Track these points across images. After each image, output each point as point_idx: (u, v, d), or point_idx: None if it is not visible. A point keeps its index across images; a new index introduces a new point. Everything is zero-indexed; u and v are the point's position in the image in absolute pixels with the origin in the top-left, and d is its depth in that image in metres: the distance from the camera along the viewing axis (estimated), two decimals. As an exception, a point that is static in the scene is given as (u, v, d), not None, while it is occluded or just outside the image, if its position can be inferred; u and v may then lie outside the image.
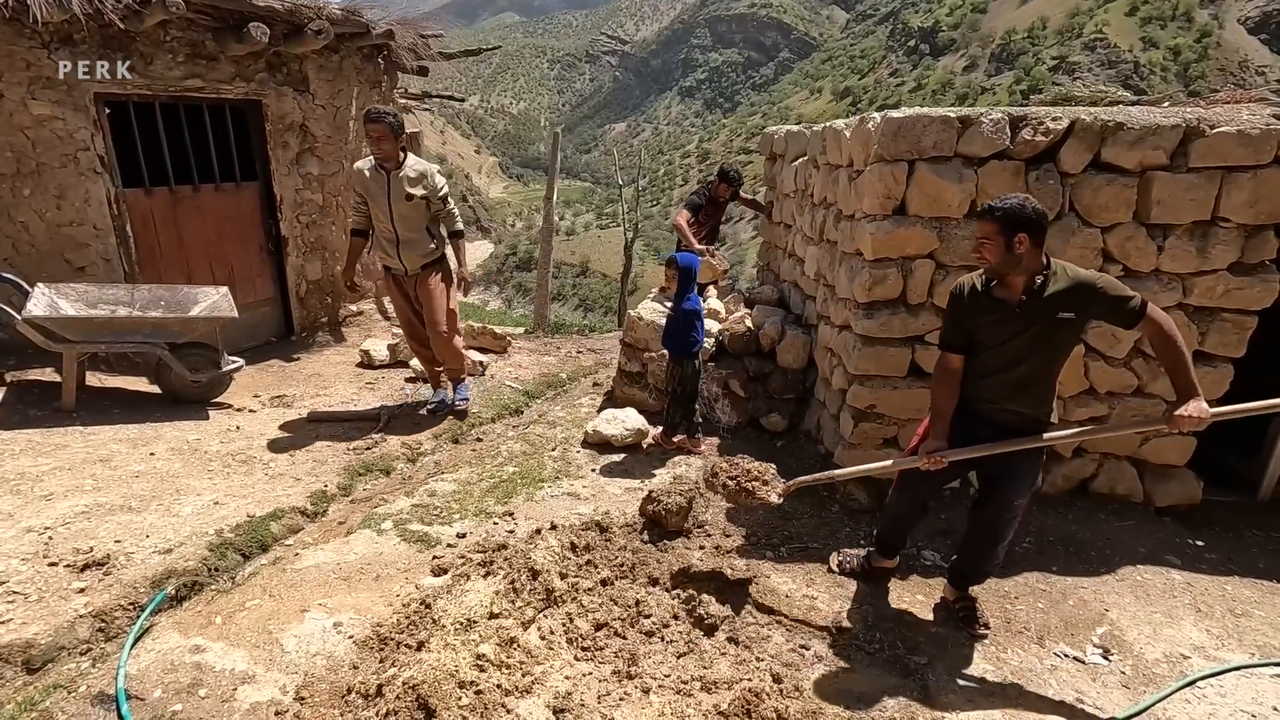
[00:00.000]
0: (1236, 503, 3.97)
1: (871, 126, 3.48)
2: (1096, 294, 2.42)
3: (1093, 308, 2.45)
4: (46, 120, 4.64)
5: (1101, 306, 2.45)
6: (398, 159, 4.16)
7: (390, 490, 3.93)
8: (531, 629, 2.49)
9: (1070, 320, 2.46)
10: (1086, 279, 2.45)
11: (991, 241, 2.44)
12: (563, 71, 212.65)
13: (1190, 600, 3.15)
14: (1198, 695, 2.61)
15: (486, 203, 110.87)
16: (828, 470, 3.20)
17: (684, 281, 4.20)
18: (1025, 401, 2.61)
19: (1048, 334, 2.48)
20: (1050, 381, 2.61)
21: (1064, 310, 2.44)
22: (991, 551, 2.86)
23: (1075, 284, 2.44)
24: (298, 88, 5.78)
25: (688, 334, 4.21)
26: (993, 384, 2.63)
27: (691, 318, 4.21)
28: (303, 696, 2.31)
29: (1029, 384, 2.58)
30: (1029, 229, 2.39)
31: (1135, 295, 2.40)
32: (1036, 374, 2.57)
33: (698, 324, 4.24)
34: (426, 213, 4.34)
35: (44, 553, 2.94)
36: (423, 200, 4.25)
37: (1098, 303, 2.43)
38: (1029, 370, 2.55)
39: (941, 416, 2.72)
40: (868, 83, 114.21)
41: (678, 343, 4.24)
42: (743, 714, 2.21)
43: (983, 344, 2.62)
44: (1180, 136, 3.26)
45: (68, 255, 4.88)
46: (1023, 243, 2.40)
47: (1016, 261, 2.44)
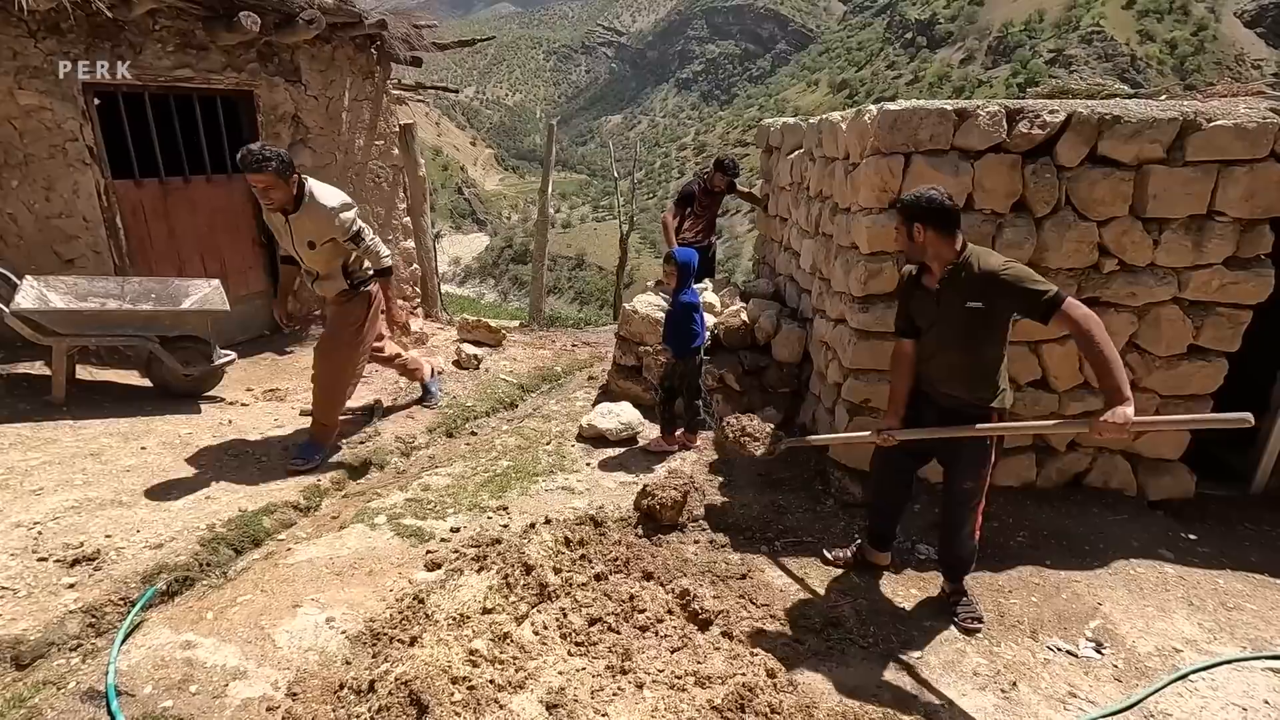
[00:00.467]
0: (1229, 496, 3.98)
1: (868, 119, 3.46)
2: (1001, 284, 2.42)
3: (1001, 299, 2.46)
4: (34, 110, 4.58)
5: (1010, 299, 2.45)
6: (293, 200, 3.56)
7: (384, 484, 3.92)
8: (525, 624, 2.49)
9: (979, 310, 2.50)
10: (991, 269, 2.46)
11: (898, 231, 2.63)
12: (559, 63, 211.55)
13: (1183, 594, 3.16)
14: (1189, 689, 2.61)
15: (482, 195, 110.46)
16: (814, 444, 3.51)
17: (682, 277, 4.18)
18: (958, 386, 2.69)
19: (962, 322, 2.55)
20: (982, 368, 2.64)
21: (971, 300, 2.49)
22: (952, 539, 2.91)
23: (982, 274, 2.47)
24: (289, 78, 5.72)
25: (688, 327, 4.19)
26: (930, 367, 2.77)
27: (689, 310, 4.19)
28: (295, 692, 2.30)
29: (958, 369, 2.66)
30: (925, 219, 2.50)
31: (1050, 289, 2.36)
32: (963, 360, 2.64)
33: (696, 317, 4.21)
34: (340, 251, 3.79)
35: (33, 548, 2.91)
36: (329, 244, 3.71)
37: (1005, 294, 2.43)
38: (956, 356, 2.64)
39: (894, 398, 2.90)
40: (865, 75, 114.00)
41: (678, 340, 4.22)
42: (736, 709, 2.21)
43: (921, 330, 2.77)
44: (1177, 130, 3.25)
45: (57, 247, 4.83)
46: (921, 232, 2.53)
47: (921, 250, 2.58)
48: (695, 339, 4.21)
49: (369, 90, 6.27)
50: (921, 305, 2.72)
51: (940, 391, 2.75)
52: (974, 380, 2.65)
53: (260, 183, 3.39)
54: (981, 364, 2.64)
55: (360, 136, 6.27)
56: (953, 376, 2.69)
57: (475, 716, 2.06)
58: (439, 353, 5.71)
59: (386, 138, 6.47)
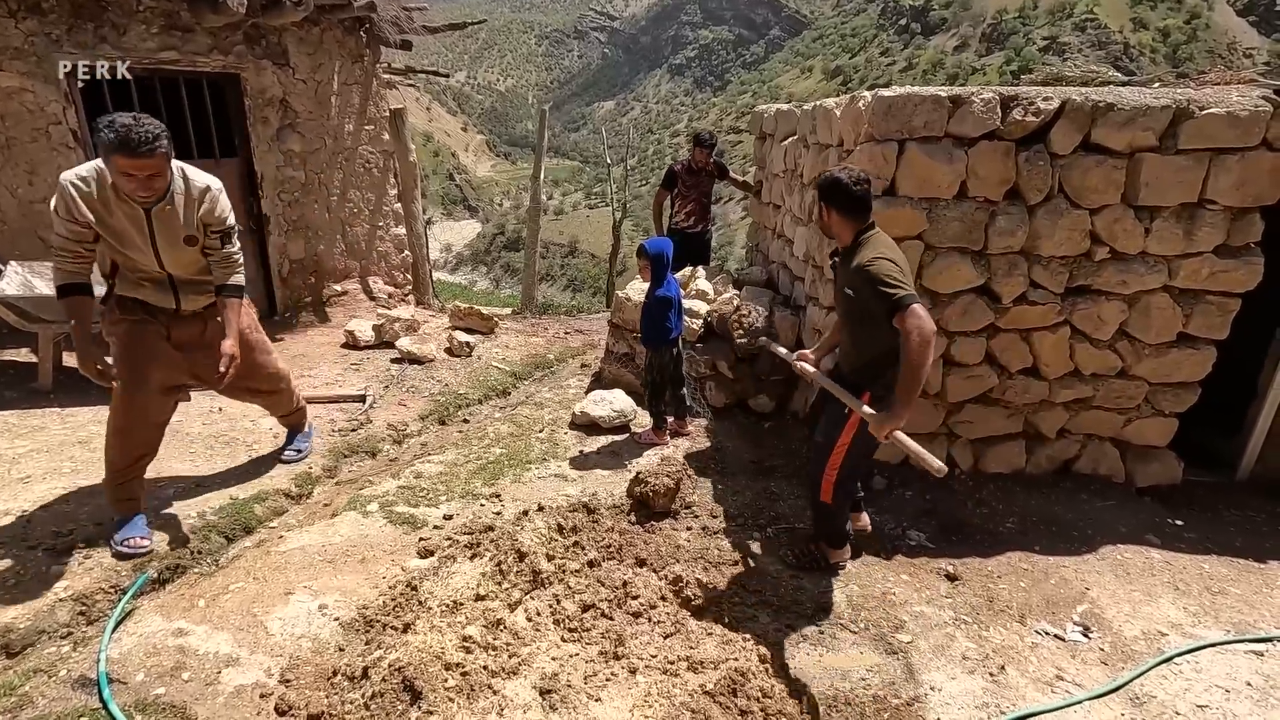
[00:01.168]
0: (1215, 483, 4.03)
1: (862, 105, 3.44)
2: (864, 275, 2.51)
3: (865, 290, 2.52)
4: (15, 93, 4.50)
5: (869, 291, 2.50)
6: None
7: (376, 472, 3.91)
8: (518, 610, 2.49)
9: (851, 297, 2.63)
10: (863, 260, 2.55)
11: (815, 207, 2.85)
12: (550, 48, 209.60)
13: (1169, 579, 3.20)
14: (1174, 671, 2.66)
15: (474, 181, 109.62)
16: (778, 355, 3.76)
17: (657, 269, 4.07)
18: (841, 356, 2.98)
19: (841, 305, 2.80)
20: (855, 345, 2.82)
21: (847, 286, 2.64)
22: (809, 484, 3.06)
23: (856, 264, 2.57)
24: (277, 61, 5.64)
25: (661, 323, 4.07)
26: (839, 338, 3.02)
27: (663, 306, 4.05)
28: (288, 679, 2.30)
29: (843, 345, 2.92)
30: (829, 199, 2.66)
31: (899, 292, 2.40)
32: (846, 340, 2.88)
33: (670, 313, 4.07)
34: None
35: (22, 536, 2.89)
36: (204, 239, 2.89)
37: (866, 286, 2.50)
38: (843, 334, 2.90)
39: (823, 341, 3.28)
40: (859, 62, 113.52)
41: (651, 333, 4.12)
42: (729, 693, 2.23)
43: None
44: (1170, 117, 3.25)
45: (42, 233, 4.76)
46: (826, 212, 2.70)
47: (826, 230, 2.77)
48: (669, 332, 4.09)
49: (358, 74, 6.19)
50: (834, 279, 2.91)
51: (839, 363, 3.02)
52: (854, 361, 2.84)
53: (150, 169, 2.55)
54: (859, 348, 2.80)
55: (350, 121, 6.19)
56: (841, 350, 2.97)
57: (469, 702, 2.07)
58: (431, 340, 5.68)
59: (376, 122, 6.39)
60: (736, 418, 4.74)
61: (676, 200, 6.22)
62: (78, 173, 2.62)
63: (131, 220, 2.69)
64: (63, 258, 2.68)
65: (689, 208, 6.18)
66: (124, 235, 2.71)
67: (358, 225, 6.49)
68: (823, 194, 2.68)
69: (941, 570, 3.21)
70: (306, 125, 5.91)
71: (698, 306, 4.88)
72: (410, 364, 5.29)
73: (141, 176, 2.55)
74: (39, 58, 4.50)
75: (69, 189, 2.57)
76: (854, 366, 2.85)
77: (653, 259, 4.05)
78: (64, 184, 2.58)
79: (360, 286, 6.55)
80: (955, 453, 3.87)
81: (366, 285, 6.59)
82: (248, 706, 2.21)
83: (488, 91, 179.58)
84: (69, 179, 2.59)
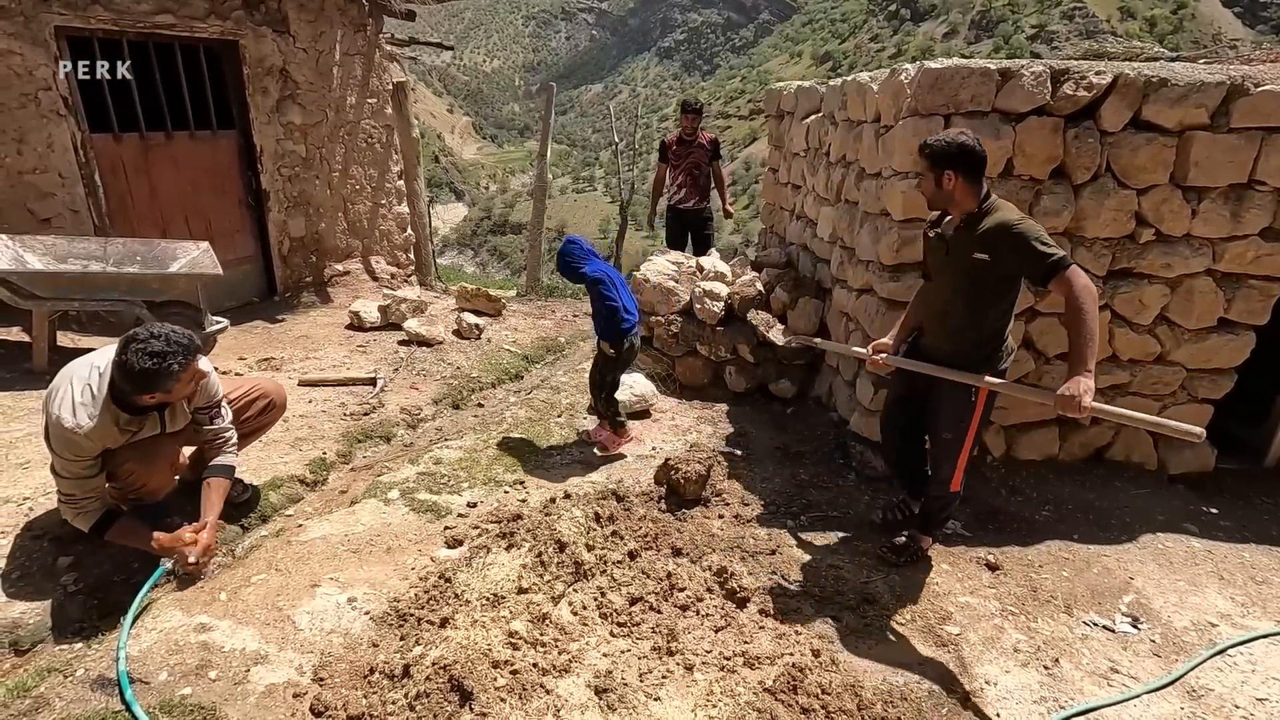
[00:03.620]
0: (1243, 470, 3.99)
1: (905, 79, 3.31)
2: (1011, 237, 2.39)
3: (1007, 253, 2.41)
4: (2, 55, 4.24)
5: (1015, 254, 2.40)
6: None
7: (392, 458, 3.76)
8: (562, 604, 2.37)
9: (985, 263, 2.46)
10: (1006, 220, 2.43)
11: (924, 177, 2.56)
12: (538, 29, 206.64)
13: (1212, 568, 3.15)
14: (1229, 663, 2.60)
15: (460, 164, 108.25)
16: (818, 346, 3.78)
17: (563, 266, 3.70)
18: (945, 337, 2.71)
19: (965, 272, 2.53)
20: (974, 323, 2.61)
21: (979, 251, 2.45)
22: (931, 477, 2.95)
23: (996, 225, 2.43)
24: (277, 28, 5.39)
25: (600, 305, 3.60)
26: (928, 315, 2.80)
27: (595, 290, 3.59)
28: (321, 677, 2.17)
29: (956, 325, 2.65)
30: (956, 165, 2.45)
31: (1057, 253, 2.33)
32: (957, 311, 2.62)
33: (607, 292, 3.56)
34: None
35: (25, 524, 2.72)
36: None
37: (1012, 249, 2.40)
38: (956, 310, 2.62)
39: (901, 324, 2.96)
40: (848, 47, 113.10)
41: (597, 322, 3.71)
42: (789, 690, 2.13)
43: (925, 275, 2.83)
44: (1224, 94, 3.14)
45: (31, 205, 4.52)
46: (952, 179, 2.47)
47: (948, 198, 2.53)
48: (622, 321, 3.59)
49: (360, 44, 5.95)
50: (934, 252, 2.70)
51: (930, 341, 2.80)
52: (969, 339, 2.64)
53: (187, 379, 2.39)
54: (978, 323, 2.60)
55: (352, 93, 5.96)
56: (948, 330, 2.69)
57: (522, 703, 1.95)
58: (439, 322, 5.51)
59: (379, 96, 6.16)
60: (758, 402, 4.64)
61: (670, 174, 6.12)
62: (83, 418, 2.32)
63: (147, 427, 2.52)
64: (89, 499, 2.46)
65: (680, 179, 6.07)
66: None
67: (360, 202, 6.27)
68: (944, 159, 2.46)
69: (981, 560, 3.13)
70: (307, 97, 5.67)
71: (718, 289, 4.75)
72: (418, 346, 5.12)
73: (178, 392, 2.41)
74: (26, 17, 4.24)
75: (81, 432, 2.30)
76: (970, 343, 2.64)
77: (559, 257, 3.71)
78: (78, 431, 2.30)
79: (363, 266, 6.35)
80: (987, 439, 3.78)
81: (369, 265, 6.39)
82: (281, 707, 2.07)
83: (474, 73, 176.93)
84: (79, 426, 2.30)
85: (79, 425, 2.27)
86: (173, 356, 2.25)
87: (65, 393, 2.32)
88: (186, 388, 2.42)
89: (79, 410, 2.29)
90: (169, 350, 2.25)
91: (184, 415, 2.62)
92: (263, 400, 3.05)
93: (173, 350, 2.26)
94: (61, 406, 2.29)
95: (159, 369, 2.23)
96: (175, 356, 2.25)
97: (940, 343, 2.74)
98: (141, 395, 2.31)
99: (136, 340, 2.25)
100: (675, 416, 4.39)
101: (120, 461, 2.44)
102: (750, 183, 72.34)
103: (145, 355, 2.22)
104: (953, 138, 2.48)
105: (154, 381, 2.25)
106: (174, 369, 2.25)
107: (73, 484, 2.36)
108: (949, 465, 2.80)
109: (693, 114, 5.91)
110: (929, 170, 2.52)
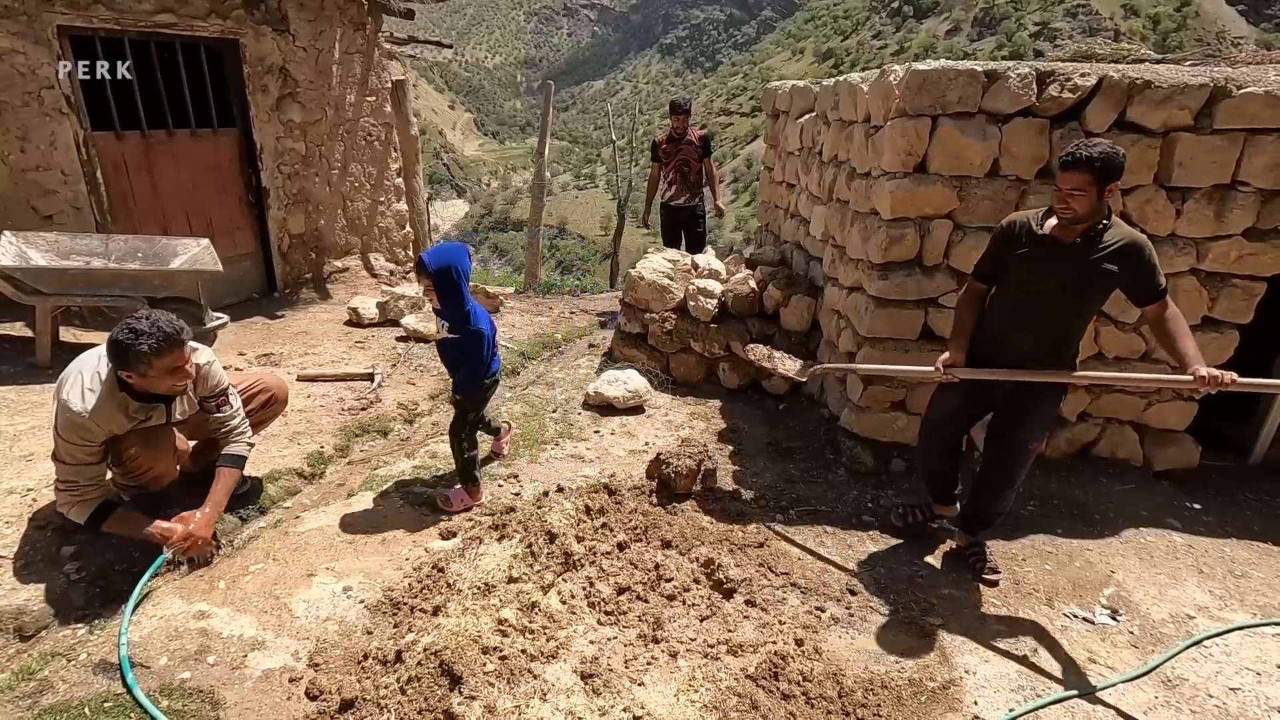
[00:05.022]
0: (1229, 467, 4.04)
1: (893, 79, 3.36)
2: (1142, 257, 2.43)
3: (1133, 269, 2.45)
4: (5, 54, 4.30)
5: (1138, 271, 2.46)
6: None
7: (388, 452, 3.82)
8: (551, 593, 2.43)
9: (1112, 274, 2.47)
10: (1140, 238, 2.46)
11: (1084, 193, 2.34)
12: (540, 25, 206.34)
13: (1192, 562, 3.20)
14: (1204, 654, 2.65)
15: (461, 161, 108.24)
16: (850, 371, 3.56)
17: (442, 288, 2.87)
18: (1044, 344, 2.64)
19: (1089, 281, 2.49)
20: (1074, 331, 2.65)
21: (1110, 262, 2.44)
22: (1003, 493, 2.92)
23: (1129, 240, 2.44)
24: (277, 27, 5.44)
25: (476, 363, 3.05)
26: (1015, 322, 2.66)
27: (475, 342, 2.99)
28: (317, 663, 2.24)
29: (1056, 326, 2.61)
30: (1118, 178, 2.35)
31: (1164, 280, 2.48)
32: (1064, 320, 2.60)
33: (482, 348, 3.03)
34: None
35: (29, 515, 2.79)
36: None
37: (1138, 266, 2.44)
38: (1058, 314, 2.59)
39: (959, 332, 2.80)
40: (850, 45, 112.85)
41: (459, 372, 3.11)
42: (770, 676, 2.19)
43: (1018, 282, 2.62)
44: (1207, 96, 3.19)
45: (34, 202, 4.59)
46: (1113, 192, 2.37)
47: (1105, 211, 2.43)
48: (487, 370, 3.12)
49: (360, 43, 6.00)
50: (1037, 260, 2.53)
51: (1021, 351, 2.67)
52: (1065, 343, 2.65)
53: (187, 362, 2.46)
54: (1075, 326, 2.64)
55: (351, 92, 6.01)
56: (1050, 337, 2.63)
57: (509, 687, 2.02)
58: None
59: (378, 93, 6.21)
60: (750, 399, 4.70)
61: (666, 175, 6.18)
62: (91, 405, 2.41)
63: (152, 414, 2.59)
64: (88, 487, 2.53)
65: (670, 176, 6.13)
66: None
67: (359, 200, 6.33)
68: (1114, 171, 2.31)
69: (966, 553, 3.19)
70: (307, 95, 5.73)
71: (711, 286, 4.81)
72: (416, 342, 5.18)
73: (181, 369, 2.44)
74: (29, 16, 4.30)
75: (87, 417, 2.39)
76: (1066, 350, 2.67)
77: (434, 275, 2.82)
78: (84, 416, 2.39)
79: (362, 263, 6.41)
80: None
81: (368, 262, 6.45)
82: (277, 691, 2.14)
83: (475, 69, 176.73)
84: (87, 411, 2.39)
85: (86, 410, 2.35)
86: (147, 338, 2.27)
87: (75, 380, 2.41)
88: (167, 378, 2.40)
89: (87, 396, 2.37)
90: (147, 331, 2.29)
91: (191, 405, 2.69)
92: (265, 394, 3.12)
93: (151, 333, 2.29)
94: (71, 392, 2.37)
95: (130, 345, 2.27)
96: (149, 339, 2.28)
97: (1033, 349, 2.65)
98: (120, 371, 2.36)
99: (128, 319, 2.34)
100: (668, 412, 4.45)
101: (125, 446, 2.51)
102: (752, 180, 72.33)
103: (124, 329, 2.30)
104: (1114, 149, 2.33)
105: (124, 356, 2.29)
106: (143, 349, 2.27)
107: (75, 470, 2.42)
108: (1020, 475, 2.83)
109: (681, 114, 5.94)
110: (1091, 185, 2.32)
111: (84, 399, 2.36)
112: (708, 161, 6.15)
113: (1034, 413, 2.74)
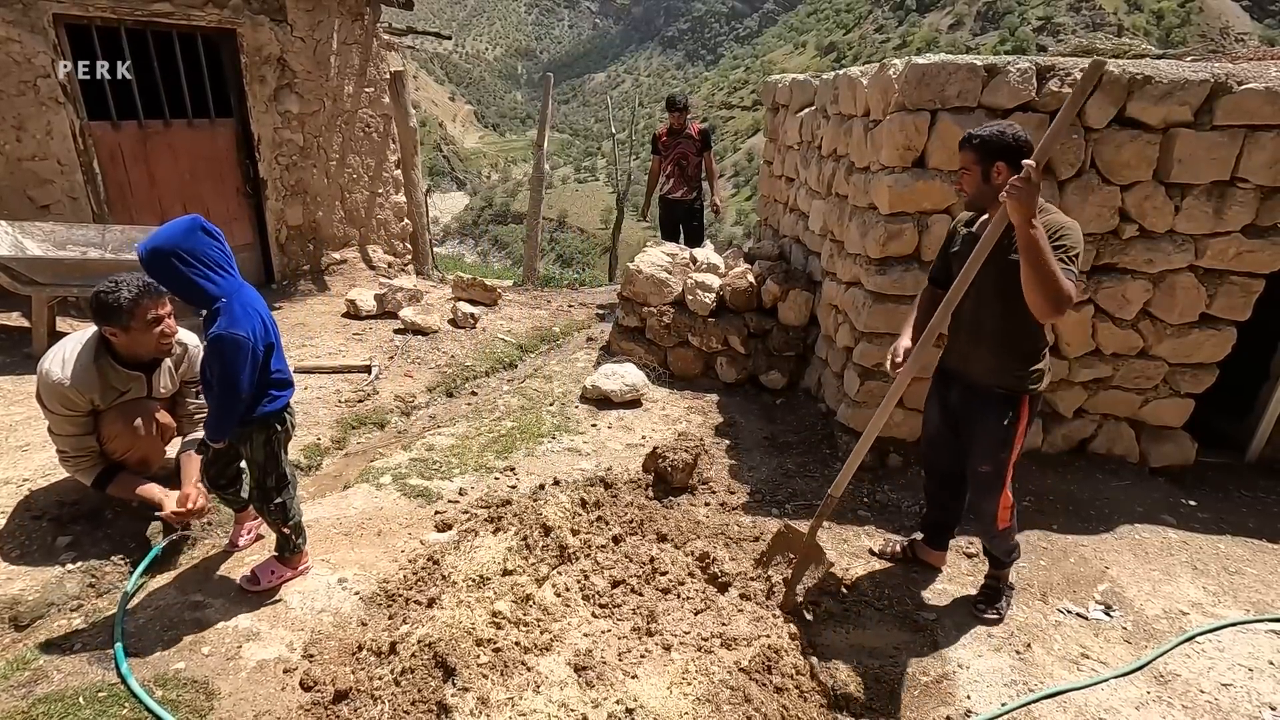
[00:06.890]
0: (1224, 464, 4.04)
1: (893, 74, 3.34)
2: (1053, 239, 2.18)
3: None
4: (0, 43, 4.27)
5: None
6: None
7: (385, 444, 3.83)
8: (546, 586, 2.44)
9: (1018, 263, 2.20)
10: (1056, 221, 2.26)
11: (969, 171, 2.33)
12: (540, 16, 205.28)
13: (1187, 558, 3.21)
14: (1197, 650, 2.66)
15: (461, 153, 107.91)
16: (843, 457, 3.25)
17: (164, 282, 2.17)
18: (978, 350, 2.47)
19: (1003, 273, 2.29)
20: (1007, 330, 2.39)
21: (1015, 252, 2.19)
22: (983, 525, 2.71)
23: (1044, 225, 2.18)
24: (275, 17, 5.41)
25: (233, 388, 2.18)
26: (956, 329, 2.52)
27: (234, 350, 2.13)
28: (311, 654, 2.24)
29: (984, 327, 2.44)
30: (1008, 157, 2.24)
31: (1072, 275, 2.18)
32: (992, 318, 2.41)
33: (241, 365, 2.15)
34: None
35: (25, 505, 2.79)
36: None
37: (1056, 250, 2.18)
38: (986, 313, 2.41)
39: (907, 324, 2.66)
40: (853, 38, 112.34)
41: (221, 407, 2.24)
42: (764, 670, 2.19)
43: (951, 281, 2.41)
44: (1207, 92, 3.18)
45: (30, 192, 4.57)
46: (1001, 172, 2.25)
47: (994, 192, 2.27)
48: (264, 400, 2.31)
49: (358, 33, 5.97)
50: (964, 257, 2.35)
51: (968, 361, 2.53)
52: (1004, 351, 2.42)
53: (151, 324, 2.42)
54: (1008, 327, 2.37)
55: (349, 83, 5.98)
56: (981, 341, 2.45)
57: (503, 679, 2.02)
58: (434, 311, 5.56)
59: (377, 85, 6.19)
60: (748, 393, 4.70)
61: (665, 168, 6.19)
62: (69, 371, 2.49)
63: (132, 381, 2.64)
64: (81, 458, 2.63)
65: (668, 170, 6.13)
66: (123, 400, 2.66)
67: (357, 191, 6.32)
68: (995, 151, 2.25)
69: (960, 549, 3.20)
70: (305, 86, 5.70)
71: (709, 280, 4.80)
72: (414, 335, 5.18)
73: (166, 315, 2.47)
74: (25, 4, 4.27)
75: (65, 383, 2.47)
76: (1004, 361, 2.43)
77: (145, 266, 2.10)
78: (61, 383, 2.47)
79: (359, 255, 6.40)
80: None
81: (366, 254, 6.44)
82: (272, 681, 2.15)
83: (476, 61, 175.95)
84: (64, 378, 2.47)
85: (65, 377, 2.44)
86: (127, 286, 2.35)
87: (56, 352, 2.51)
88: (149, 331, 2.41)
89: (66, 364, 2.47)
90: (126, 281, 2.36)
91: (172, 382, 2.75)
92: None
93: (130, 282, 2.36)
94: (51, 363, 2.48)
95: (109, 293, 2.33)
96: (129, 287, 2.35)
97: (970, 355, 2.51)
98: (103, 326, 2.41)
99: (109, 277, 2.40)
100: (666, 406, 4.45)
101: (107, 423, 2.56)
102: (753, 174, 72.16)
103: (105, 282, 2.36)
104: (1002, 128, 2.28)
105: (106, 308, 2.34)
106: (124, 296, 2.32)
107: (66, 441, 2.52)
108: (990, 502, 2.57)
109: (678, 111, 5.94)
110: (975, 164, 2.30)
111: (63, 368, 2.46)
112: (707, 156, 6.14)
113: (977, 430, 2.53)
